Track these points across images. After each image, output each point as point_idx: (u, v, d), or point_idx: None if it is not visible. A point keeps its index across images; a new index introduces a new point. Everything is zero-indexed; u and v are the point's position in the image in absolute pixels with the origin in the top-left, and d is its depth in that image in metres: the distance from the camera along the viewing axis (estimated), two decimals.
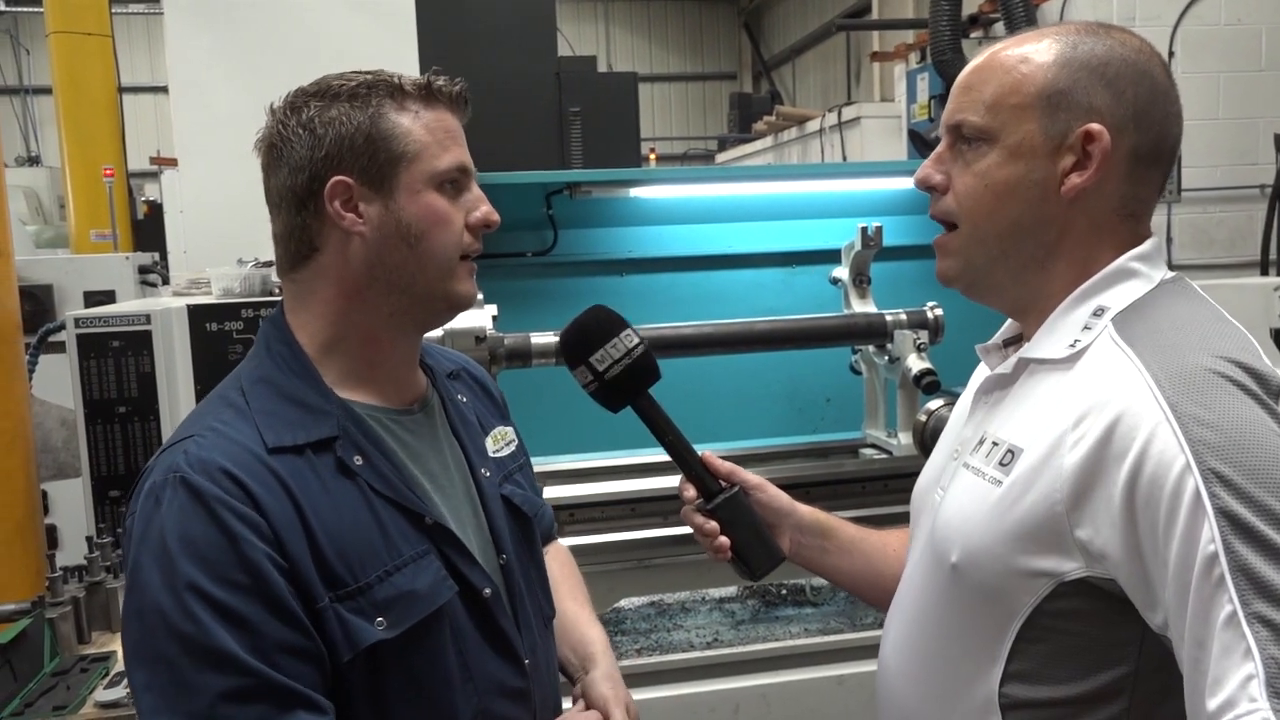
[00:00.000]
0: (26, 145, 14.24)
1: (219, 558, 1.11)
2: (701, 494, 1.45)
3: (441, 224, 1.26)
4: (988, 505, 1.13)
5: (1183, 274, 1.21)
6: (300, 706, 1.12)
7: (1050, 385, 1.13)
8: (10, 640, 1.93)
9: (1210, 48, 5.74)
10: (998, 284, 1.22)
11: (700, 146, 17.45)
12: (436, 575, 1.24)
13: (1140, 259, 1.16)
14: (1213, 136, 5.76)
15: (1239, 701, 0.89)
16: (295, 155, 1.23)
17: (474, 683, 1.27)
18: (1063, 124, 1.13)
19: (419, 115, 1.25)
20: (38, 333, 3.39)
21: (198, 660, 1.08)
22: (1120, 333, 1.10)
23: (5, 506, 2.75)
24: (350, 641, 1.16)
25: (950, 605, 1.19)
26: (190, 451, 1.16)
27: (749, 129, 11.92)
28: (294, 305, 1.30)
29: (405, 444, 1.31)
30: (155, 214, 6.62)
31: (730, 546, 1.41)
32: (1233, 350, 1.05)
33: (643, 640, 2.78)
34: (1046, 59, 1.14)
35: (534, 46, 5.87)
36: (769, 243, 3.64)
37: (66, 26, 6.40)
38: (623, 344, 1.36)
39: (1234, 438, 0.96)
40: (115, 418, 2.63)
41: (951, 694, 1.19)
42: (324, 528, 1.17)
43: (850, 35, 13.55)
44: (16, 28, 14.83)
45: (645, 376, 1.38)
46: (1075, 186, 1.14)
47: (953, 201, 1.20)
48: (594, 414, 3.64)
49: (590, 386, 1.39)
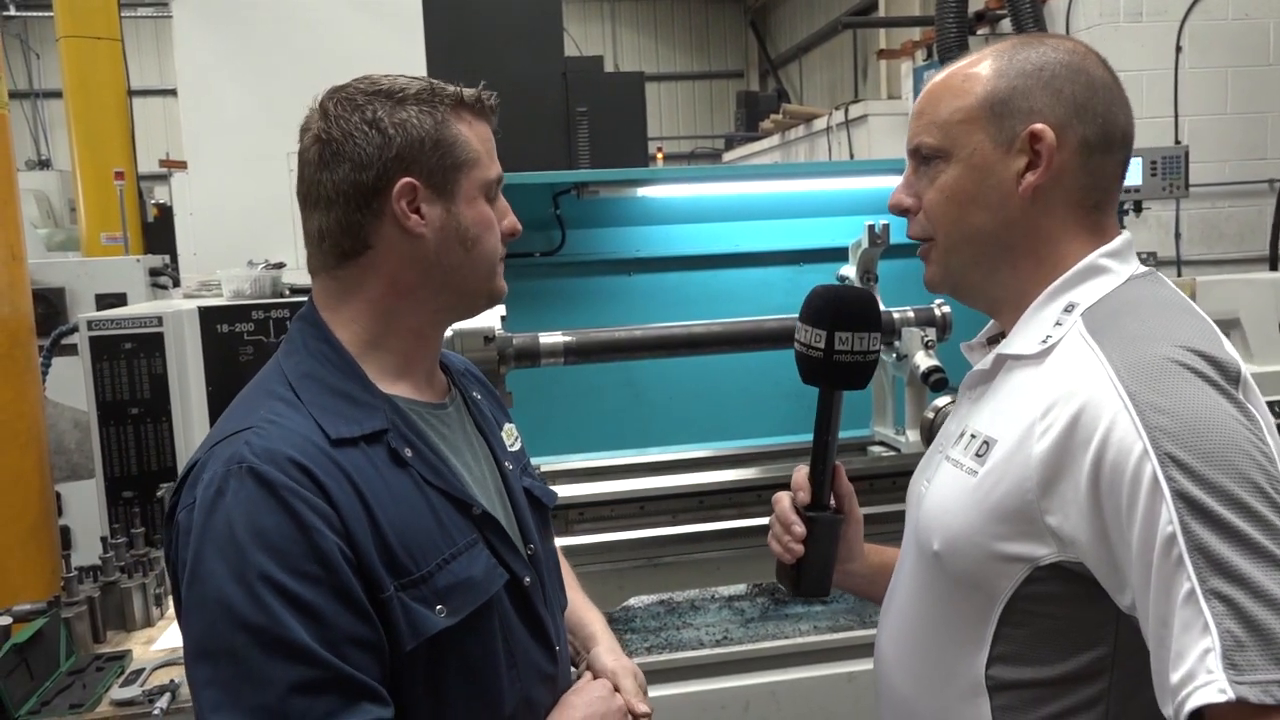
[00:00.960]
0: (37, 149, 14.29)
1: (291, 549, 1.11)
2: (813, 499, 1.44)
3: (490, 230, 1.32)
4: (965, 494, 1.19)
5: (1155, 269, 1.26)
6: (366, 699, 1.12)
7: (1023, 379, 1.18)
8: (27, 640, 1.94)
9: (1218, 42, 5.73)
10: (974, 286, 1.29)
11: (707, 145, 17.43)
12: (488, 563, 1.27)
13: (1110, 255, 1.22)
14: (1221, 131, 5.75)
15: (1198, 674, 0.94)
16: (361, 153, 1.24)
17: (518, 669, 1.29)
18: (1009, 129, 1.20)
19: (473, 125, 1.30)
20: (50, 335, 3.41)
21: (268, 651, 1.08)
22: (1088, 327, 1.15)
23: (20, 507, 2.78)
24: (415, 630, 1.18)
25: (936, 593, 1.25)
26: (254, 442, 1.15)
27: (756, 127, 11.91)
28: (332, 303, 1.30)
29: (444, 437, 1.33)
30: (165, 217, 6.64)
31: (797, 557, 1.43)
32: (1194, 340, 1.08)
33: (652, 638, 2.79)
34: (986, 73, 1.22)
35: (541, 47, 5.87)
36: (777, 241, 3.64)
37: (76, 31, 6.43)
38: (870, 342, 1.36)
39: (1189, 423, 1.01)
40: (128, 419, 2.66)
41: (942, 678, 1.24)
42: (387, 518, 1.18)
43: (857, 33, 13.51)
44: (26, 32, 14.88)
45: (860, 379, 1.38)
46: (1031, 185, 1.20)
47: (924, 218, 1.27)
48: (602, 413, 3.64)
49: (810, 351, 1.37)
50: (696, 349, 2.91)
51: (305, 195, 1.29)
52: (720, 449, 3.29)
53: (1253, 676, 0.92)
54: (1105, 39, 5.60)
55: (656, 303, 3.51)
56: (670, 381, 3.53)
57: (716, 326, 2.91)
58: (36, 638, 1.98)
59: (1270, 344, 3.89)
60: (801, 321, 1.38)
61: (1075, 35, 5.73)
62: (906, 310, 2.93)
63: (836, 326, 1.34)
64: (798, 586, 1.43)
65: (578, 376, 3.37)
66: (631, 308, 3.44)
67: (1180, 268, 5.58)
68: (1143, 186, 3.40)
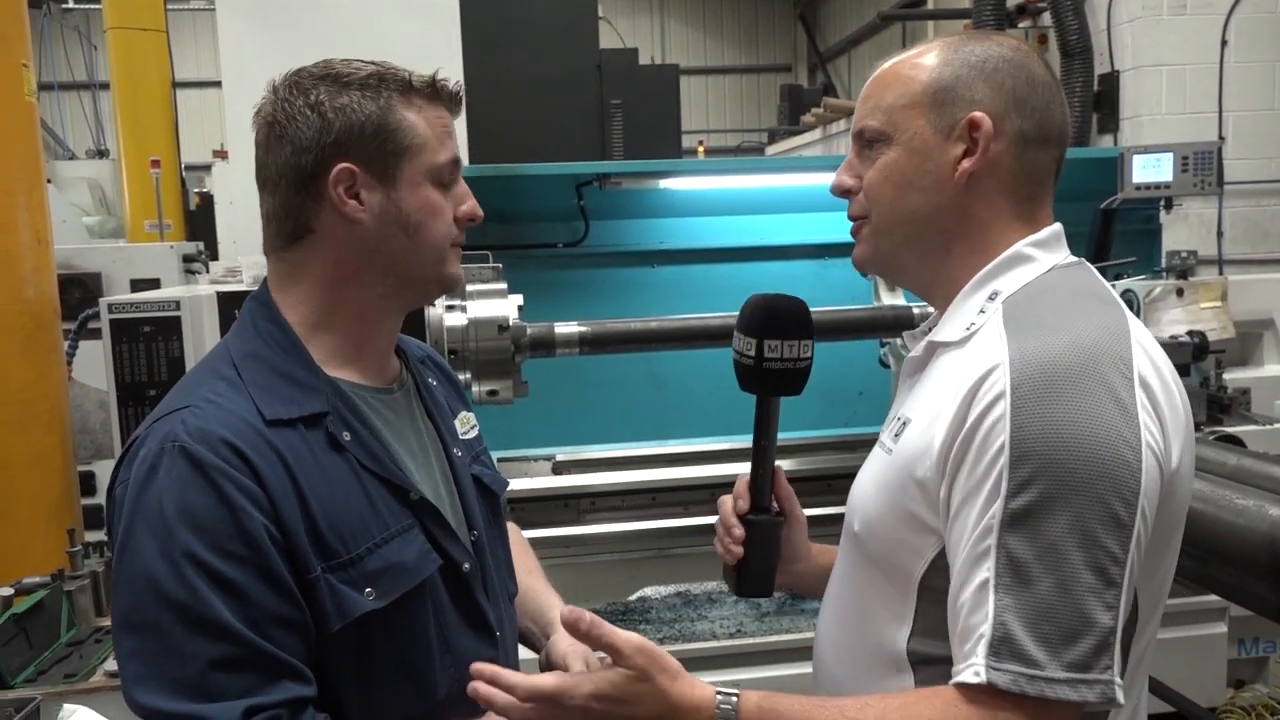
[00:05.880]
0: (95, 139, 14.55)
1: (218, 528, 1.13)
2: (752, 502, 1.46)
3: (436, 216, 1.31)
4: (880, 473, 1.25)
5: (1083, 260, 1.28)
6: (287, 677, 1.15)
7: (947, 363, 1.22)
8: (26, 610, 1.99)
9: (1265, 36, 5.57)
10: (905, 267, 1.32)
11: (753, 139, 17.35)
12: (421, 548, 1.28)
13: (1035, 245, 1.24)
14: (1269, 127, 5.60)
15: (970, 655, 1.06)
16: (301, 136, 1.25)
17: (452, 655, 1.30)
18: (949, 116, 1.23)
19: (422, 110, 1.29)
20: (78, 318, 3.48)
21: (190, 628, 1.11)
22: (1005, 316, 1.18)
23: (43, 485, 2.85)
24: (341, 611, 1.19)
25: (862, 574, 1.29)
26: (188, 421, 1.18)
27: (799, 121, 11.85)
28: (282, 284, 1.32)
29: (388, 421, 1.34)
30: (207, 205, 6.74)
31: (738, 559, 1.45)
32: (1096, 334, 1.12)
33: (666, 630, 2.79)
34: (932, 63, 1.26)
35: (575, 39, 5.88)
36: (801, 234, 3.63)
37: (123, 22, 6.58)
38: (799, 350, 1.37)
39: (1056, 435, 1.06)
40: (146, 400, 2.70)
41: (869, 655, 1.27)
42: (318, 500, 1.20)
43: (905, 26, 13.34)
44: (88, 25, 15.17)
45: (792, 386, 1.40)
46: (966, 171, 1.23)
47: (863, 198, 1.30)
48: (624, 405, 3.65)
49: (742, 359, 1.40)
50: (712, 341, 2.90)
51: (256, 176, 1.31)
52: (740, 442, 3.29)
53: (1007, 667, 1.03)
54: (1148, 32, 5.49)
55: (679, 295, 3.51)
56: (693, 374, 3.53)
57: (733, 319, 2.90)
58: (37, 609, 2.03)
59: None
60: (736, 330, 1.40)
61: (1116, 28, 5.64)
62: (927, 306, 2.90)
63: (766, 334, 1.36)
64: (739, 587, 1.47)
65: (599, 367, 3.38)
66: (654, 299, 3.44)
67: (1222, 267, 5.45)
68: (1173, 183, 3.32)
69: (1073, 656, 1.02)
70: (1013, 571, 1.05)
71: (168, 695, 1.10)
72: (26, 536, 2.80)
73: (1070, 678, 1.02)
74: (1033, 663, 1.03)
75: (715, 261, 3.62)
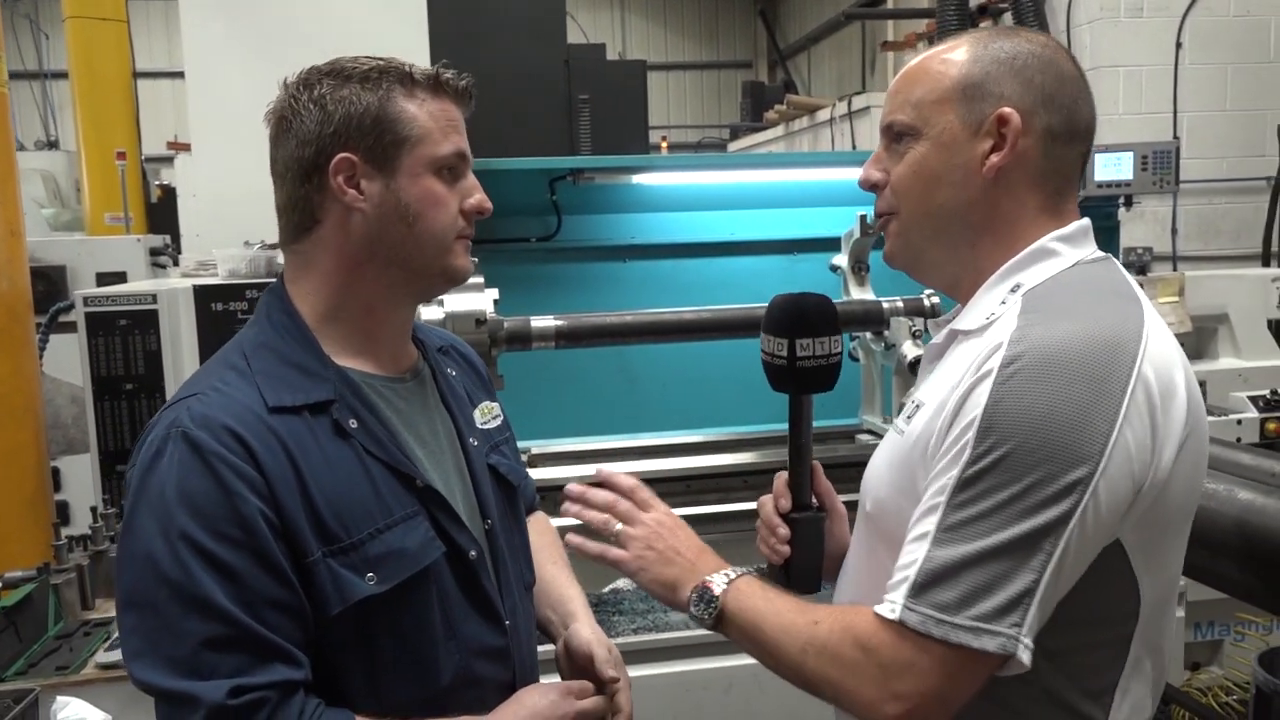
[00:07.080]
0: (45, 129, 14.30)
1: (214, 511, 1.17)
2: (794, 500, 1.47)
3: (437, 206, 1.32)
4: (891, 454, 1.27)
5: (1110, 256, 1.29)
6: (279, 659, 1.18)
7: (962, 351, 1.24)
8: (14, 604, 1.99)
9: (1218, 39, 5.72)
10: (934, 262, 1.33)
11: (714, 135, 17.39)
12: (425, 535, 1.30)
13: (1061, 239, 1.26)
14: (1220, 128, 5.75)
15: (892, 590, 1.14)
16: (304, 129, 1.29)
17: (456, 641, 1.33)
18: (978, 112, 1.24)
19: (425, 103, 1.32)
20: (49, 312, 3.44)
21: (184, 607, 1.15)
22: (1024, 306, 1.19)
23: (16, 479, 2.83)
24: (341, 594, 1.22)
25: (873, 553, 1.30)
26: (193, 408, 1.22)
27: (761, 118, 11.89)
28: (295, 275, 1.35)
29: (398, 410, 1.36)
30: (169, 198, 6.67)
31: (784, 558, 1.46)
32: (1106, 334, 1.13)
33: (640, 620, 2.81)
34: (962, 58, 1.27)
35: (543, 34, 5.87)
36: (771, 230, 3.66)
37: (82, 12, 6.47)
38: (830, 346, 1.39)
39: (1026, 412, 1.09)
40: (122, 394, 2.70)
41: None
42: (319, 485, 1.23)
43: (865, 24, 13.46)
44: (36, 12, 14.88)
45: (825, 382, 1.41)
46: (994, 166, 1.24)
47: (890, 193, 1.31)
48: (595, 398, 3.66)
49: (774, 360, 1.41)
50: (686, 335, 2.93)
51: (270, 169, 1.34)
52: (711, 434, 3.32)
53: (921, 609, 1.10)
54: (1105, 34, 5.60)
55: (651, 289, 3.53)
56: (664, 367, 3.56)
57: (707, 313, 2.94)
58: (25, 603, 2.03)
59: (1258, 339, 3.91)
60: (764, 332, 1.42)
61: (1075, 29, 5.75)
62: (896, 300, 2.96)
63: (797, 334, 1.38)
64: (789, 585, 1.45)
65: (572, 361, 3.40)
66: (626, 294, 3.46)
67: (1176, 263, 5.58)
68: (1133, 181, 3.41)
69: (982, 610, 1.08)
70: (950, 528, 1.10)
71: (162, 671, 1.14)
72: (3, 531, 2.78)
73: (974, 625, 1.08)
74: (944, 608, 1.09)
75: (687, 256, 3.64)
